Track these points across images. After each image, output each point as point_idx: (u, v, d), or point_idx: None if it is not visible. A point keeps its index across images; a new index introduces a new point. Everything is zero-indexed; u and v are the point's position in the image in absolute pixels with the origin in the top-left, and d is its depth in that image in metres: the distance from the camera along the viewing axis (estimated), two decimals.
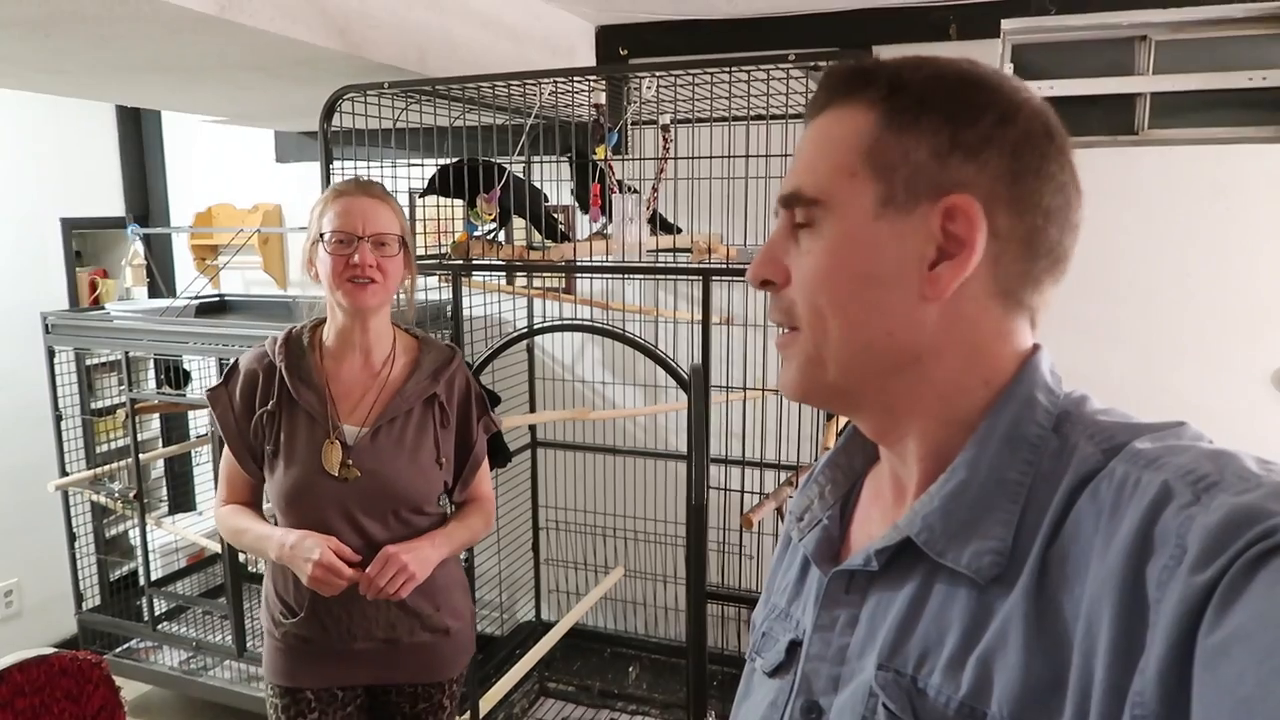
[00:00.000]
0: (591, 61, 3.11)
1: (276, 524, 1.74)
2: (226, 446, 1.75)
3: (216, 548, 3.19)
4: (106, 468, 3.33)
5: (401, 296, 1.84)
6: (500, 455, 2.65)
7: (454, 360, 1.84)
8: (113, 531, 3.68)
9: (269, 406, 1.70)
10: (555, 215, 2.46)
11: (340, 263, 1.65)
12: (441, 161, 2.33)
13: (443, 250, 2.64)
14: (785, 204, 0.69)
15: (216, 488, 1.81)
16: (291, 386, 1.70)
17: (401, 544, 1.68)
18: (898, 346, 0.65)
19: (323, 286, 1.71)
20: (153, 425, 3.92)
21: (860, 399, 0.69)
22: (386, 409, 1.73)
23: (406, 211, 2.64)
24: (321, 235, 1.67)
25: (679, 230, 2.60)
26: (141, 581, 3.39)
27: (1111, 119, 2.76)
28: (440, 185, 2.26)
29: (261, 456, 1.73)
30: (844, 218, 0.65)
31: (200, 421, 3.90)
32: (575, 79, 2.13)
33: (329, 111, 2.24)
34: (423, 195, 2.31)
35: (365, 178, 1.79)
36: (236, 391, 1.73)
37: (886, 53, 0.70)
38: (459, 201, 2.30)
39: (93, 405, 3.50)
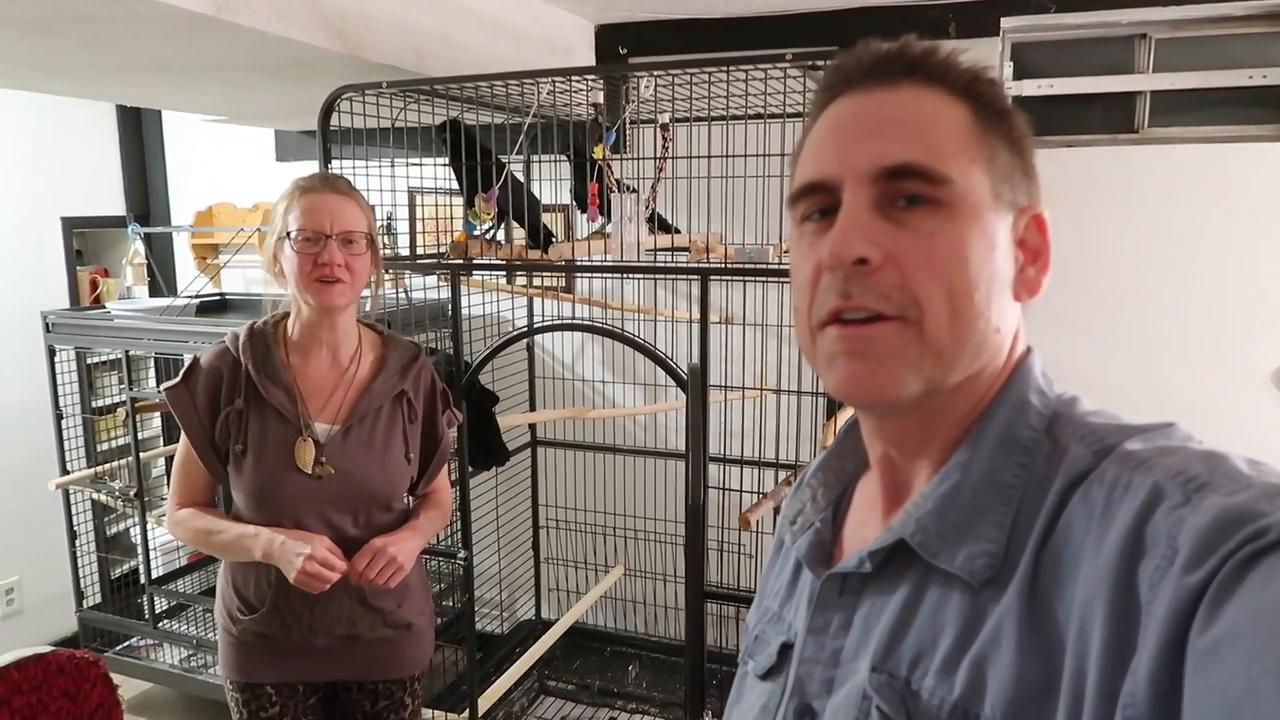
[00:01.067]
0: (590, 61, 3.11)
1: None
2: (185, 446, 1.71)
3: None
4: (107, 466, 3.34)
5: (368, 293, 1.82)
6: (499, 454, 2.66)
7: (420, 357, 1.83)
8: (113, 530, 3.69)
9: (236, 404, 1.67)
10: (549, 226, 2.44)
11: (308, 262, 1.63)
12: (440, 162, 2.32)
13: (441, 250, 2.64)
14: (897, 175, 0.62)
15: (171, 489, 1.75)
16: (259, 384, 1.67)
17: (385, 536, 1.68)
18: (994, 346, 0.65)
19: (288, 284, 1.68)
20: (153, 424, 3.92)
21: (938, 403, 0.65)
22: (357, 407, 1.72)
23: (405, 209, 2.65)
24: (288, 233, 1.64)
25: (677, 231, 2.60)
26: (142, 579, 3.39)
27: (1111, 117, 2.75)
28: (451, 139, 2.22)
29: (226, 455, 1.69)
30: (974, 202, 0.62)
31: None
32: (574, 78, 2.13)
33: (328, 111, 2.24)
34: (438, 136, 2.25)
35: (331, 173, 1.76)
36: (199, 389, 1.68)
37: None
38: (458, 200, 2.29)
39: (93, 404, 3.51)
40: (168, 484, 3.97)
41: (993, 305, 0.63)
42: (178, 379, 1.70)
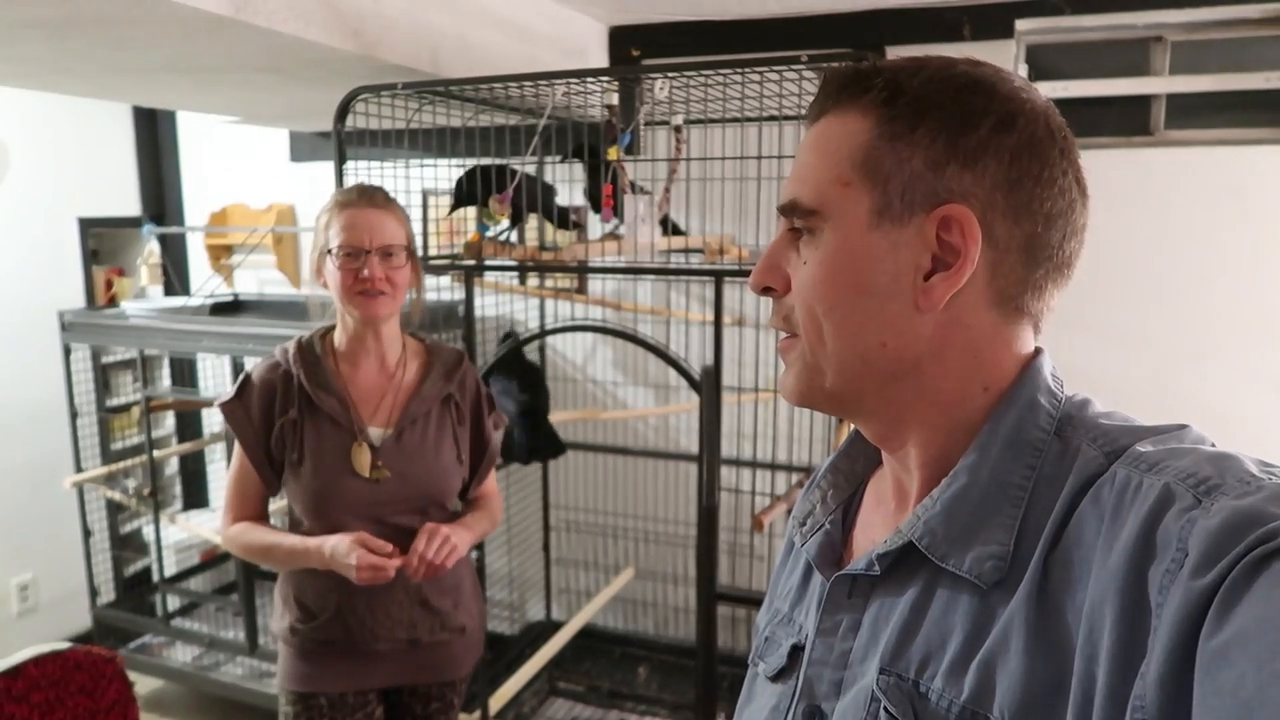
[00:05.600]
0: (603, 62, 3.11)
1: (299, 530, 1.74)
2: (239, 460, 1.74)
3: None
4: (121, 464, 3.36)
5: (410, 297, 1.85)
6: (555, 447, 2.71)
7: (463, 361, 1.88)
8: (127, 528, 3.71)
9: (290, 414, 1.70)
10: (566, 210, 2.46)
11: (350, 276, 1.67)
12: (455, 162, 2.33)
13: (455, 251, 2.65)
14: (784, 212, 0.69)
15: (226, 504, 1.78)
16: (312, 393, 1.70)
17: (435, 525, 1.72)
18: (892, 356, 0.65)
19: (333, 296, 1.72)
20: (167, 423, 3.95)
21: (859, 405, 0.69)
22: (407, 411, 1.76)
23: (420, 211, 2.66)
24: (329, 249, 1.68)
25: (684, 232, 2.60)
26: (155, 578, 3.41)
27: (1127, 120, 2.75)
28: (467, 195, 2.25)
29: (281, 466, 1.73)
30: (839, 228, 0.65)
31: (214, 419, 3.93)
32: (588, 80, 2.13)
33: (343, 112, 2.25)
34: (452, 211, 2.30)
35: (369, 184, 1.79)
36: (253, 403, 1.72)
37: (900, 54, 0.69)
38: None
39: (108, 403, 3.53)
40: (181, 483, 4.03)
41: (870, 321, 0.65)
42: (231, 393, 1.74)
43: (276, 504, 2.18)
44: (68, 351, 3.34)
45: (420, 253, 2.62)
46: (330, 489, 1.69)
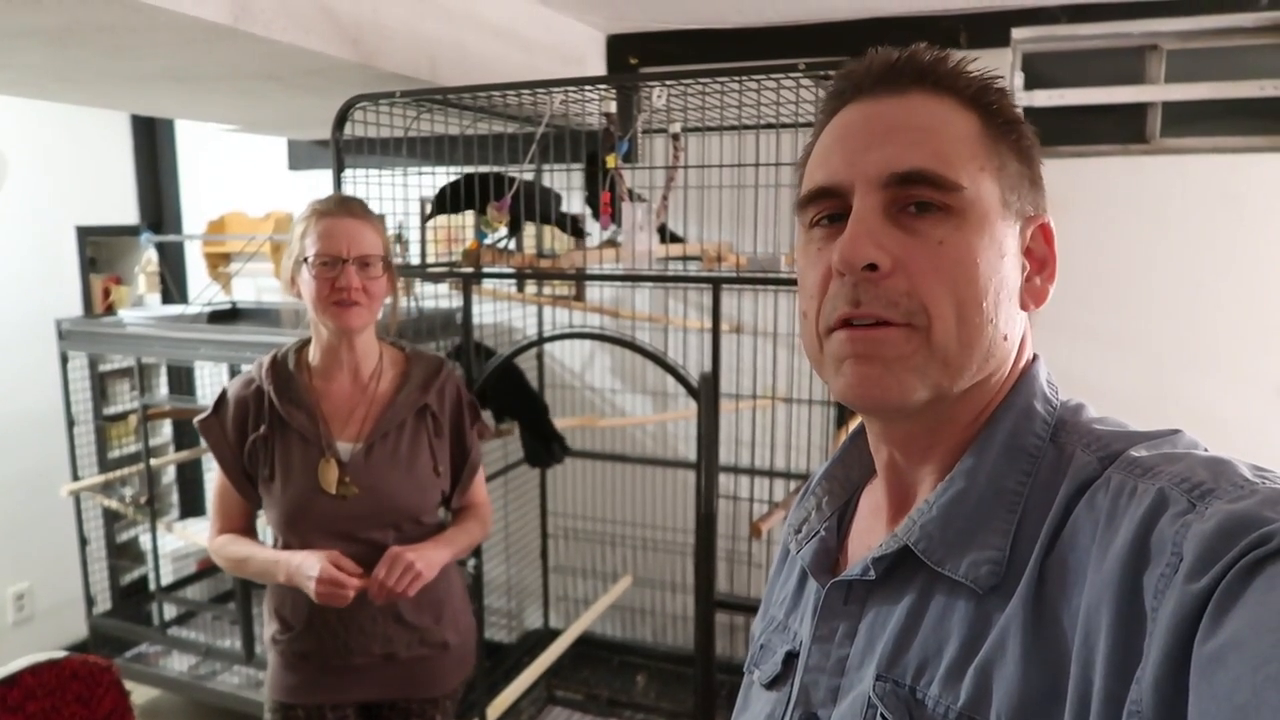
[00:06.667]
0: (602, 70, 3.12)
1: (277, 545, 1.74)
2: (220, 475, 1.75)
3: None
4: (118, 473, 3.35)
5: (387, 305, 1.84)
6: (557, 446, 2.71)
7: (443, 370, 1.85)
8: (124, 536, 3.70)
9: (261, 431, 1.70)
10: (574, 216, 2.47)
11: (326, 286, 1.65)
12: (453, 170, 2.34)
13: (453, 258, 2.65)
14: (904, 182, 0.62)
15: (211, 517, 1.80)
16: (281, 409, 1.69)
17: (406, 546, 1.69)
18: (1002, 353, 0.65)
19: (307, 306, 1.71)
20: (164, 431, 3.94)
21: (943, 409, 0.65)
22: (379, 424, 1.73)
23: (416, 219, 2.67)
24: (305, 258, 1.66)
25: (683, 240, 2.61)
26: (152, 586, 3.40)
27: (1123, 128, 2.75)
28: (451, 203, 2.26)
29: (256, 481, 1.73)
30: (983, 210, 0.63)
31: None
32: (586, 88, 2.14)
33: (341, 120, 2.25)
34: (427, 219, 2.31)
35: (346, 194, 1.79)
36: (228, 420, 1.72)
37: None
38: (467, 211, 2.31)
39: (105, 411, 3.52)
40: (178, 491, 4.02)
41: (1001, 313, 0.63)
42: (209, 410, 1.75)
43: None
44: (65, 360, 3.33)
45: (418, 260, 2.63)
46: (300, 505, 1.69)
